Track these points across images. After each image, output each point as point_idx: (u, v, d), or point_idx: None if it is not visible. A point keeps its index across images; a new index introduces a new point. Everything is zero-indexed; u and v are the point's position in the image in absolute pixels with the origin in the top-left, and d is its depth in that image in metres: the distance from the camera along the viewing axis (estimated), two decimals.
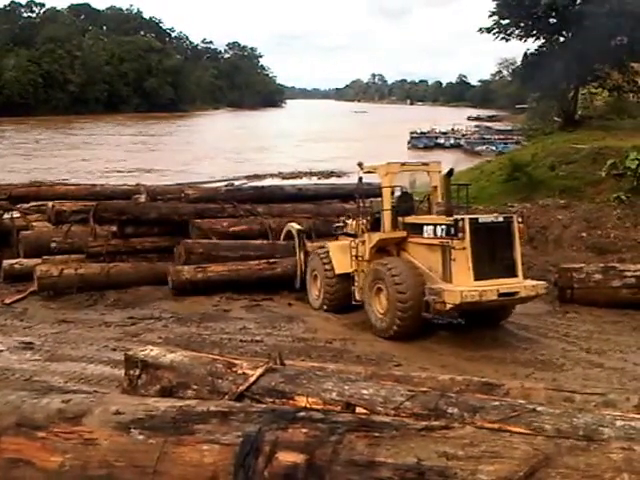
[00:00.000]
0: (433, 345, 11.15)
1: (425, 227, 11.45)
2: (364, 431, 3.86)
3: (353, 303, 12.85)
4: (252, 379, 5.15)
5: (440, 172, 12.68)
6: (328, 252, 13.20)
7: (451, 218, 11.02)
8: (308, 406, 4.66)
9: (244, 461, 3.93)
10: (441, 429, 3.80)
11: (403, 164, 13.01)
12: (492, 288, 10.61)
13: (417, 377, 5.72)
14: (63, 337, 11.66)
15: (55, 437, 4.37)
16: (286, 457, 3.84)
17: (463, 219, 10.82)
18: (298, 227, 14.98)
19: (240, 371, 5.31)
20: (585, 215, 18.35)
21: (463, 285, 10.64)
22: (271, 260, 14.64)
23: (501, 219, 11.32)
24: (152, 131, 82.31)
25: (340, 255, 12.97)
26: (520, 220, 11.52)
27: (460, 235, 10.62)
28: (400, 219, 12.01)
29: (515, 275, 11.03)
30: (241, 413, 4.24)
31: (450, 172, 12.25)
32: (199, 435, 4.12)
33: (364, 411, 4.53)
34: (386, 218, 12.05)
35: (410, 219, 12.02)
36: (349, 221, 13.55)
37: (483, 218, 11.36)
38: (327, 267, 13.05)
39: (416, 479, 3.56)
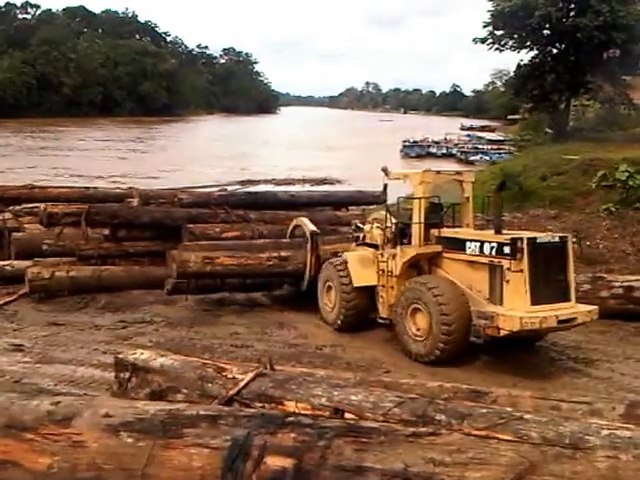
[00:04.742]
0: None
1: (468, 243, 10.52)
2: (352, 436, 3.90)
3: (379, 321, 11.87)
4: (242, 384, 5.17)
5: (473, 182, 11.97)
6: (345, 262, 12.27)
7: (506, 236, 10.15)
8: (297, 411, 4.69)
9: (232, 465, 3.95)
10: (429, 435, 3.85)
11: (438, 172, 12.05)
12: (551, 314, 9.82)
13: (406, 384, 5.76)
14: (54, 340, 11.64)
15: (44, 439, 4.39)
16: (274, 461, 3.87)
17: (521, 238, 9.95)
18: (313, 228, 13.91)
19: (230, 375, 5.34)
20: (575, 226, 18.46)
21: (518, 310, 9.80)
22: (282, 254, 13.79)
23: (557, 239, 10.52)
24: (130, 136, 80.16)
25: (359, 266, 12.08)
26: (574, 240, 10.86)
27: (518, 256, 9.77)
28: (434, 232, 11.13)
29: (569, 299, 10.25)
30: (230, 417, 4.27)
31: (502, 185, 11.40)
32: (188, 439, 4.14)
33: (353, 417, 4.56)
34: (417, 231, 11.09)
35: (447, 233, 11.10)
36: (366, 227, 12.85)
37: (541, 238, 10.44)
38: (344, 279, 12.11)
39: None
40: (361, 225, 13.22)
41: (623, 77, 32.41)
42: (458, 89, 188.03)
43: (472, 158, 52.58)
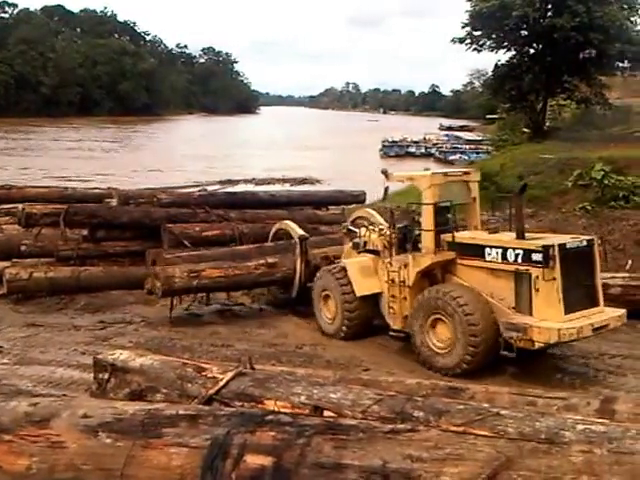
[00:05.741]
0: (401, 350, 11.20)
1: (488, 249, 9.94)
2: (331, 434, 3.93)
3: (391, 334, 11.19)
4: (222, 383, 5.18)
5: (479, 182, 11.45)
6: (345, 270, 11.64)
7: (534, 242, 9.67)
8: (277, 409, 4.71)
9: (212, 464, 3.96)
10: (407, 432, 3.88)
11: (446, 174, 11.36)
12: (586, 323, 9.40)
13: (385, 381, 5.80)
14: (32, 341, 11.55)
15: (22, 440, 4.37)
16: (254, 460, 3.89)
17: (553, 245, 9.42)
18: (301, 232, 13.35)
19: (210, 375, 5.34)
20: (551, 224, 18.61)
21: (550, 320, 9.33)
22: (269, 260, 13.31)
23: (584, 243, 9.94)
24: (105, 136, 79.13)
25: (360, 275, 11.48)
26: (599, 243, 10.39)
27: (551, 264, 9.28)
28: (446, 238, 10.51)
29: (597, 304, 9.84)
30: (210, 416, 4.28)
31: (523, 188, 10.94)
32: (167, 438, 4.15)
33: (332, 414, 4.59)
34: (427, 238, 10.48)
35: (463, 238, 10.52)
36: (361, 230, 12.18)
37: (570, 243, 9.82)
38: (345, 288, 11.51)
39: None
40: (354, 228, 12.72)
41: (599, 77, 32.80)
42: (437, 89, 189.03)
43: (451, 158, 52.93)
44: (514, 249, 9.67)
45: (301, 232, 13.45)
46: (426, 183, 10.61)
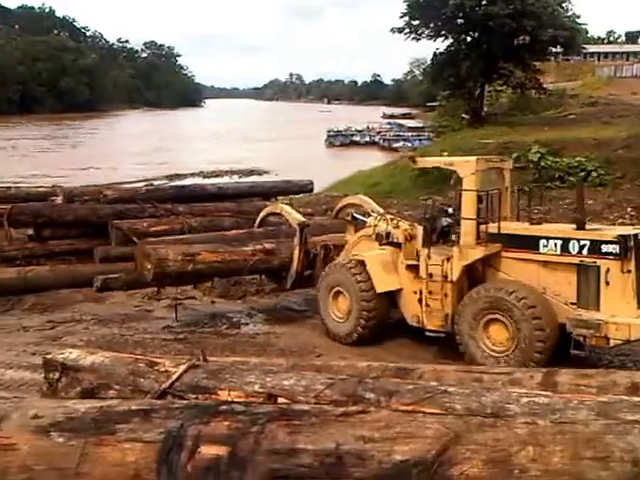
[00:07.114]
0: None
1: (544, 241, 9.27)
2: (285, 420, 3.99)
3: (428, 334, 10.30)
4: (175, 376, 5.18)
5: (511, 170, 10.88)
6: (362, 264, 10.83)
7: (604, 232, 9.21)
8: (231, 399, 4.74)
9: (167, 457, 3.98)
10: (358, 414, 3.97)
11: (489, 160, 10.72)
12: None
13: (336, 366, 5.88)
14: None
15: None
16: (209, 450, 3.92)
17: (629, 236, 8.85)
18: (301, 218, 12.45)
19: (162, 369, 5.33)
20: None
21: (622, 315, 8.73)
22: (267, 247, 12.53)
23: None
24: (43, 134, 75.53)
25: (382, 269, 10.74)
26: None
27: (628, 255, 8.72)
28: (489, 228, 9.84)
29: None
30: (163, 410, 4.28)
31: (586, 177, 10.74)
32: (120, 434, 4.14)
33: (286, 401, 4.64)
34: (469, 229, 9.78)
35: (511, 229, 9.82)
36: (371, 219, 11.50)
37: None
38: (362, 284, 10.70)
39: (335, 463, 3.73)
40: (360, 216, 12.06)
41: (533, 62, 33.64)
42: (379, 79, 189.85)
43: (395, 145, 53.47)
44: (578, 240, 9.04)
45: (301, 218, 12.54)
46: (470, 169, 9.93)
